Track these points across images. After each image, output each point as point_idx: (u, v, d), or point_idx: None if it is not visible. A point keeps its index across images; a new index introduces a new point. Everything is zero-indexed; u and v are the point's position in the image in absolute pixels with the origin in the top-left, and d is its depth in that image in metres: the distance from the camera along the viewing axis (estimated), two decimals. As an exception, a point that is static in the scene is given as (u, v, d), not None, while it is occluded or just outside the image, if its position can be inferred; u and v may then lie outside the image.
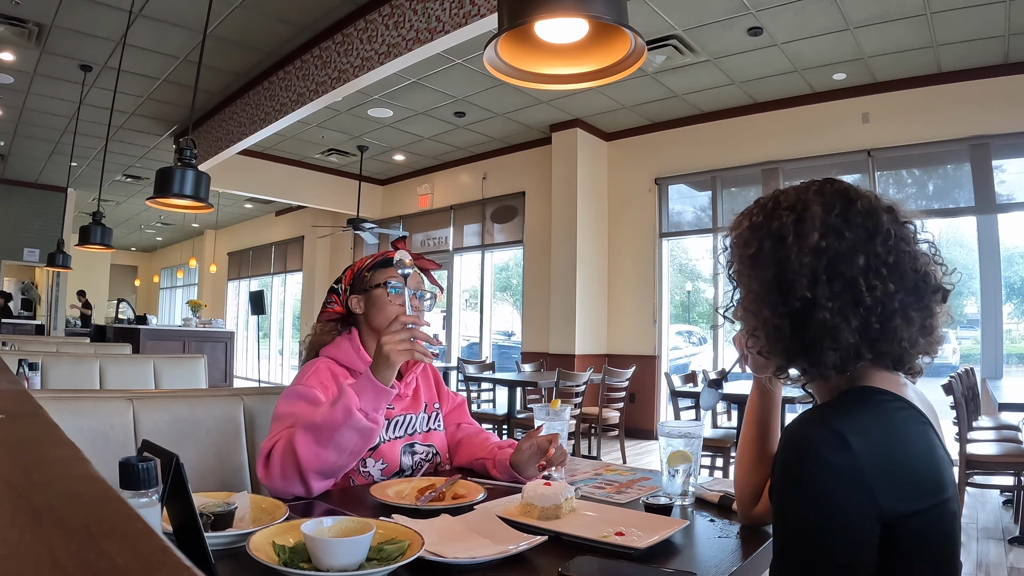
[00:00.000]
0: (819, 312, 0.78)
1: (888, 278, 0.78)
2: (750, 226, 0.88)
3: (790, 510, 0.76)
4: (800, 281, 0.80)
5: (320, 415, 1.25)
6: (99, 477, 0.39)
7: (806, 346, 0.81)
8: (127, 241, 16.51)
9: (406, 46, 4.19)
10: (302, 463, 1.23)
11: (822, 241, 0.80)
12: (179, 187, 2.83)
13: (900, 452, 0.75)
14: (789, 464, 0.76)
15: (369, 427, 1.24)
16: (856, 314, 0.78)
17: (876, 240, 0.80)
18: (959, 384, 3.43)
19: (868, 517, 0.71)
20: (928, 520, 0.74)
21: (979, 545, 3.23)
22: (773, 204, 0.87)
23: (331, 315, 1.57)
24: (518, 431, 4.90)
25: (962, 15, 4.30)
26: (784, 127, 5.96)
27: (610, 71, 1.28)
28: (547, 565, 0.92)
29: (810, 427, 0.76)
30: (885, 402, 0.79)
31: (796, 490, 0.75)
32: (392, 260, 1.54)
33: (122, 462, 0.63)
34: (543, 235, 7.24)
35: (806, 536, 0.74)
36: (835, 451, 0.72)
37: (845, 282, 0.78)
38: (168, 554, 0.26)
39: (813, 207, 0.83)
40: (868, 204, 0.83)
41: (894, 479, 0.72)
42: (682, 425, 1.32)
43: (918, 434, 0.78)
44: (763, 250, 0.85)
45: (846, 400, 0.80)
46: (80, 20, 4.79)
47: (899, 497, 0.72)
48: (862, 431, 0.74)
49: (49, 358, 3.16)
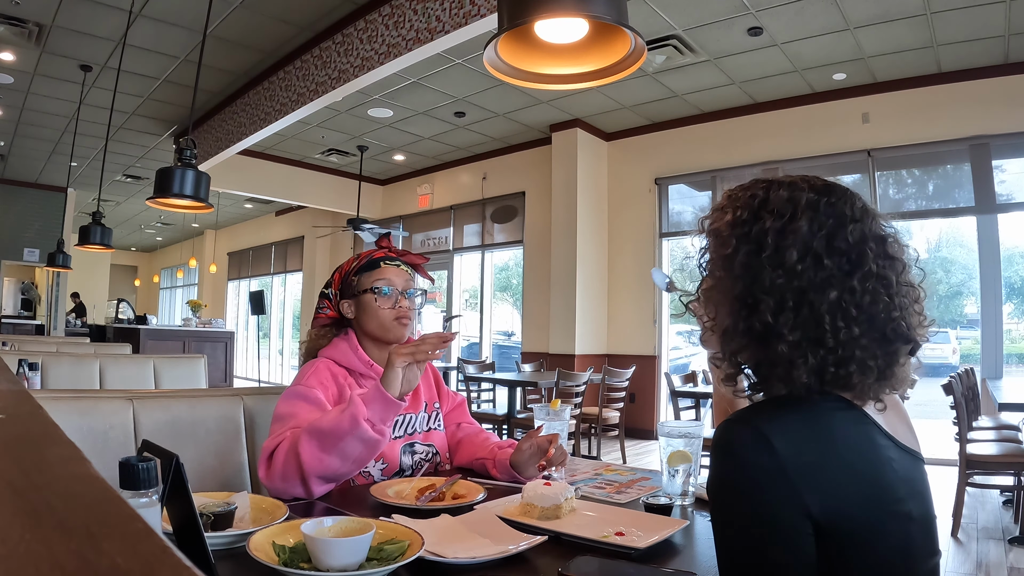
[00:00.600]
0: (777, 343, 0.75)
1: (856, 320, 0.74)
2: (731, 221, 0.82)
3: (719, 510, 0.75)
4: (767, 302, 0.75)
5: (326, 421, 1.24)
6: (99, 477, 0.39)
7: (757, 364, 0.79)
8: (127, 241, 16.51)
9: (406, 46, 4.19)
10: (305, 467, 1.23)
11: (799, 264, 0.75)
12: (179, 187, 2.83)
13: (832, 453, 0.72)
14: (715, 464, 0.75)
15: (375, 439, 1.24)
16: (815, 353, 0.74)
17: (855, 276, 0.75)
18: (959, 384, 3.43)
19: (796, 516, 0.69)
20: (873, 524, 0.71)
21: (979, 545, 3.23)
22: (762, 200, 0.81)
23: (324, 320, 1.57)
24: (518, 431, 4.90)
25: (962, 15, 4.30)
26: (784, 127, 5.96)
27: (610, 71, 1.28)
28: (547, 565, 0.92)
29: (734, 427, 0.74)
30: (820, 403, 0.75)
31: (722, 490, 0.74)
32: (377, 261, 1.53)
33: (122, 462, 0.63)
34: (543, 235, 7.24)
35: (737, 535, 0.73)
36: (757, 452, 0.70)
37: (811, 316, 0.74)
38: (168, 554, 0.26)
39: (800, 221, 0.77)
40: (859, 234, 0.77)
41: (824, 480, 0.70)
42: (682, 425, 1.32)
43: (858, 435, 0.74)
44: (738, 255, 0.80)
45: (779, 400, 0.77)
46: (80, 20, 4.79)
47: (831, 498, 0.70)
48: (787, 432, 0.72)
49: (49, 358, 3.16)
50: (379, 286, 1.49)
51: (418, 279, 1.59)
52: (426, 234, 9.05)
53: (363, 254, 1.56)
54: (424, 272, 1.63)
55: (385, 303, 1.49)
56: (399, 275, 1.53)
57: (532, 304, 7.38)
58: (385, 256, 1.55)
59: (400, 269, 1.54)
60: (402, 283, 1.52)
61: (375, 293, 1.49)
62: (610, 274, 7.12)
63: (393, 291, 1.50)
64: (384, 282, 1.50)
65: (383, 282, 1.49)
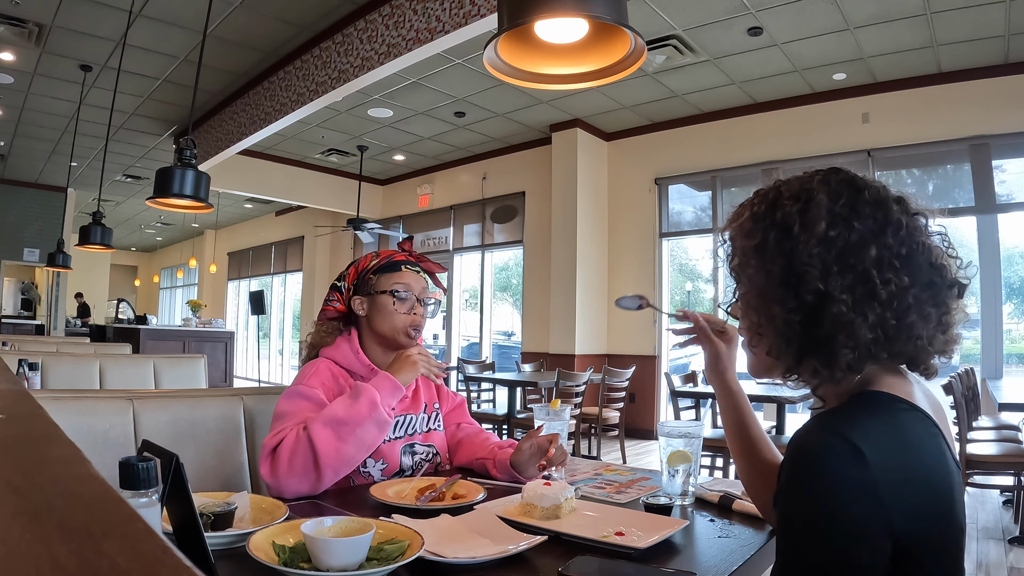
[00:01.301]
0: (833, 306, 0.73)
1: (902, 271, 0.74)
2: (752, 216, 0.83)
3: (799, 523, 0.70)
4: (811, 272, 0.74)
5: (341, 409, 1.29)
6: (99, 477, 0.39)
7: (819, 344, 0.76)
8: (127, 241, 16.52)
9: (406, 46, 4.19)
10: (320, 457, 1.24)
11: (830, 231, 0.75)
12: (179, 187, 2.83)
13: (915, 468, 0.70)
14: (798, 474, 0.71)
15: (387, 420, 1.32)
16: (872, 309, 0.73)
17: (887, 231, 0.75)
18: (959, 384, 3.43)
19: (881, 535, 0.66)
20: (939, 535, 0.70)
21: (979, 545, 3.23)
22: (775, 194, 0.82)
23: (332, 313, 1.56)
24: (518, 431, 4.90)
25: (962, 15, 4.30)
26: (784, 127, 5.96)
27: (610, 71, 1.28)
28: (547, 565, 0.92)
29: (822, 436, 0.70)
30: (901, 411, 0.73)
31: (807, 502, 0.69)
32: (398, 264, 1.53)
33: (122, 462, 0.63)
34: (543, 235, 7.24)
35: (817, 551, 0.68)
36: (850, 464, 0.66)
37: (857, 275, 0.73)
38: (168, 554, 0.26)
39: (818, 196, 0.78)
40: (876, 194, 0.78)
41: (908, 497, 0.67)
42: (682, 425, 1.32)
43: (933, 447, 0.72)
44: (768, 241, 0.79)
45: (860, 407, 0.73)
46: (80, 20, 4.79)
47: (913, 515, 0.67)
48: (878, 444, 0.68)
49: (49, 358, 3.16)
50: (399, 290, 1.49)
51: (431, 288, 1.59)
52: (426, 234, 9.05)
53: (384, 253, 1.56)
54: (438, 281, 1.63)
55: (402, 307, 1.49)
56: (417, 281, 1.53)
57: (532, 304, 7.38)
58: (406, 260, 1.55)
59: (419, 276, 1.55)
60: (419, 290, 1.52)
61: (394, 296, 1.49)
62: (610, 274, 7.12)
63: (411, 296, 1.50)
64: (403, 286, 1.50)
65: (402, 286, 1.50)
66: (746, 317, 0.86)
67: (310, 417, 1.31)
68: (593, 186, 7.02)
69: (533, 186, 7.53)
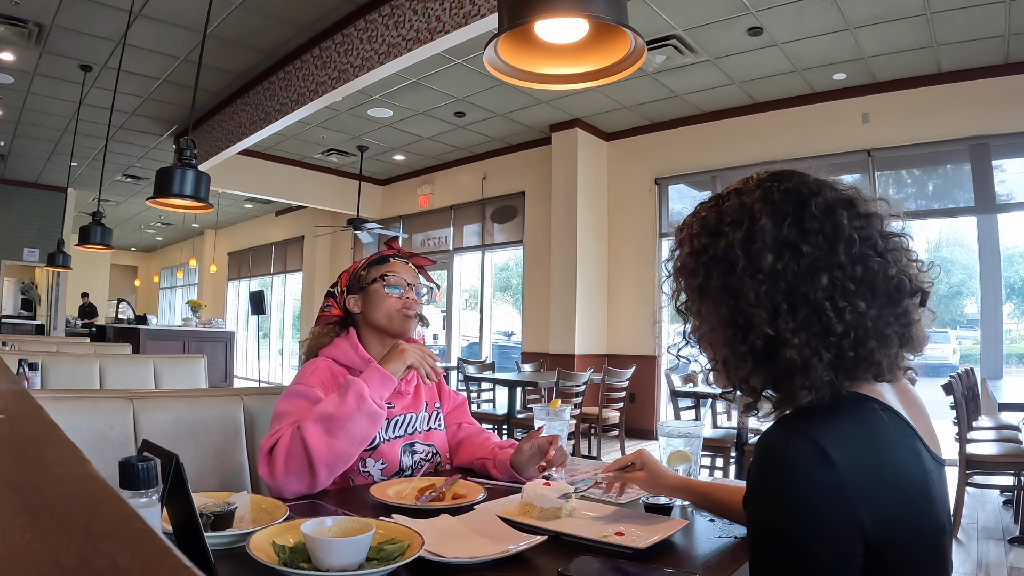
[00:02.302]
0: (786, 351, 0.70)
1: (857, 295, 0.69)
2: (691, 251, 0.78)
3: (767, 525, 0.69)
4: (759, 315, 0.70)
5: (330, 405, 1.29)
6: (99, 477, 0.39)
7: (774, 385, 0.73)
8: (127, 241, 16.51)
9: (406, 46, 4.19)
10: (313, 455, 1.24)
11: (777, 263, 0.70)
12: (179, 187, 2.82)
13: (886, 469, 0.68)
14: (765, 477, 0.69)
15: (378, 412, 1.30)
16: (827, 345, 0.69)
17: (839, 249, 0.70)
18: (959, 384, 3.43)
19: (851, 536, 0.65)
20: (915, 536, 0.68)
21: (979, 545, 3.23)
22: (716, 219, 0.77)
23: (329, 319, 1.58)
24: (518, 431, 4.90)
25: (962, 15, 4.30)
26: (784, 127, 5.96)
27: (610, 71, 1.28)
28: (547, 565, 0.92)
29: (788, 438, 0.68)
30: (870, 411, 0.71)
31: (774, 505, 0.68)
32: (386, 257, 1.58)
33: (122, 462, 0.63)
34: (543, 235, 7.24)
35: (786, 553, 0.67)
36: (815, 466, 0.65)
37: (810, 309, 0.69)
38: (168, 554, 0.26)
39: (762, 220, 0.72)
40: (824, 203, 0.72)
41: (878, 495, 0.66)
42: (682, 425, 1.32)
43: (905, 447, 0.70)
44: (712, 280, 0.75)
45: (827, 408, 0.71)
46: (80, 20, 4.79)
47: (883, 517, 0.66)
48: (845, 445, 0.67)
49: (49, 358, 3.16)
50: (387, 275, 1.53)
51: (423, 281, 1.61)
52: (426, 234, 9.05)
53: (373, 254, 1.62)
54: (428, 275, 1.65)
55: (393, 292, 1.52)
56: (407, 271, 1.56)
57: (532, 304, 7.38)
58: (395, 254, 1.60)
59: (408, 267, 1.58)
60: (410, 278, 1.55)
61: (383, 281, 1.52)
62: (610, 274, 7.12)
63: (401, 281, 1.53)
64: (393, 275, 1.53)
65: (392, 275, 1.53)
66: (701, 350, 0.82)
67: (303, 416, 1.31)
68: (593, 186, 7.02)
69: (533, 186, 7.53)
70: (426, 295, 1.59)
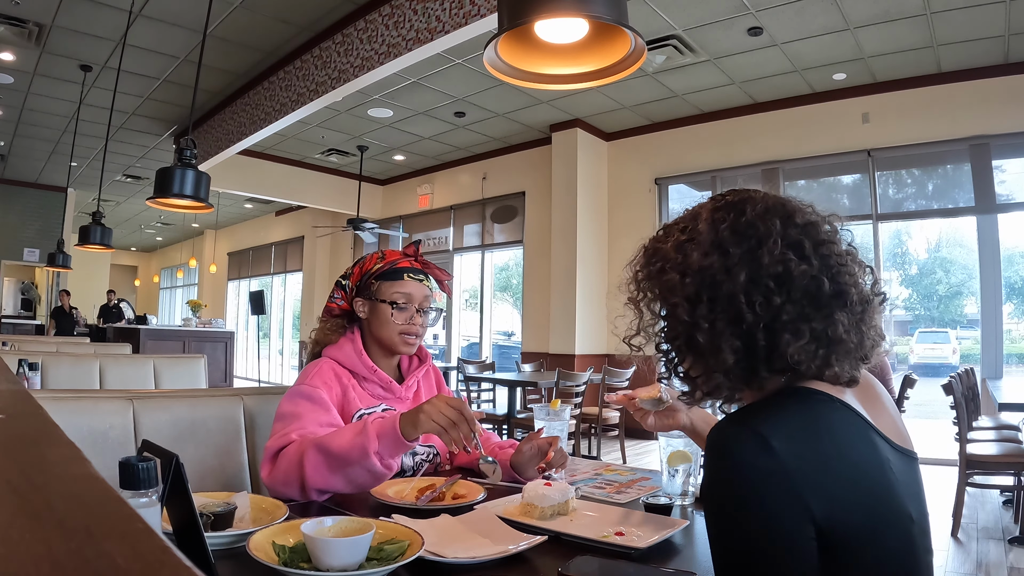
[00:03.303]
0: (697, 334, 0.76)
1: (774, 291, 0.74)
2: (645, 252, 0.87)
3: (717, 514, 0.73)
4: (682, 305, 0.78)
5: (337, 444, 1.21)
6: (99, 477, 0.39)
7: (698, 371, 0.80)
8: (127, 241, 16.51)
9: (406, 46, 4.19)
10: (307, 480, 1.22)
11: (704, 260, 0.77)
12: (179, 187, 2.83)
13: (833, 456, 0.71)
14: (711, 467, 0.73)
15: (382, 472, 1.21)
16: (737, 332, 0.75)
17: (762, 251, 0.75)
18: (959, 384, 3.43)
19: (798, 520, 0.67)
20: (876, 523, 0.70)
21: (979, 545, 3.23)
22: (672, 225, 0.86)
23: (335, 310, 1.56)
24: (518, 431, 4.90)
25: (962, 15, 4.30)
26: (784, 127, 5.96)
27: (610, 71, 1.28)
28: (547, 565, 0.92)
29: (729, 428, 0.72)
30: (817, 403, 0.74)
31: (720, 492, 0.72)
32: (401, 272, 1.50)
33: (122, 462, 0.63)
34: (543, 235, 7.24)
35: (735, 537, 0.70)
36: (756, 454, 0.68)
37: (726, 300, 0.75)
38: (168, 554, 0.26)
39: (701, 224, 0.80)
40: (759, 212, 0.78)
41: (826, 483, 0.68)
42: (682, 425, 1.31)
43: (856, 436, 0.73)
44: (652, 275, 0.84)
45: (773, 401, 0.75)
46: (80, 20, 4.79)
47: (834, 502, 0.68)
48: (786, 432, 0.70)
49: (49, 358, 3.16)
50: (398, 300, 1.48)
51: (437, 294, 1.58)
52: (426, 234, 9.05)
53: (388, 256, 1.54)
54: (447, 288, 1.62)
55: (400, 317, 1.48)
56: (419, 290, 1.51)
57: (532, 304, 7.38)
58: (410, 268, 1.52)
59: (421, 284, 1.52)
60: (420, 299, 1.50)
61: (393, 307, 1.47)
62: (610, 274, 7.11)
63: (410, 307, 1.49)
64: (404, 296, 1.48)
65: (403, 296, 1.48)
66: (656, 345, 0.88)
67: (314, 434, 1.29)
68: (593, 186, 7.02)
69: (533, 186, 7.53)
70: (434, 314, 1.55)
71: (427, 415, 1.18)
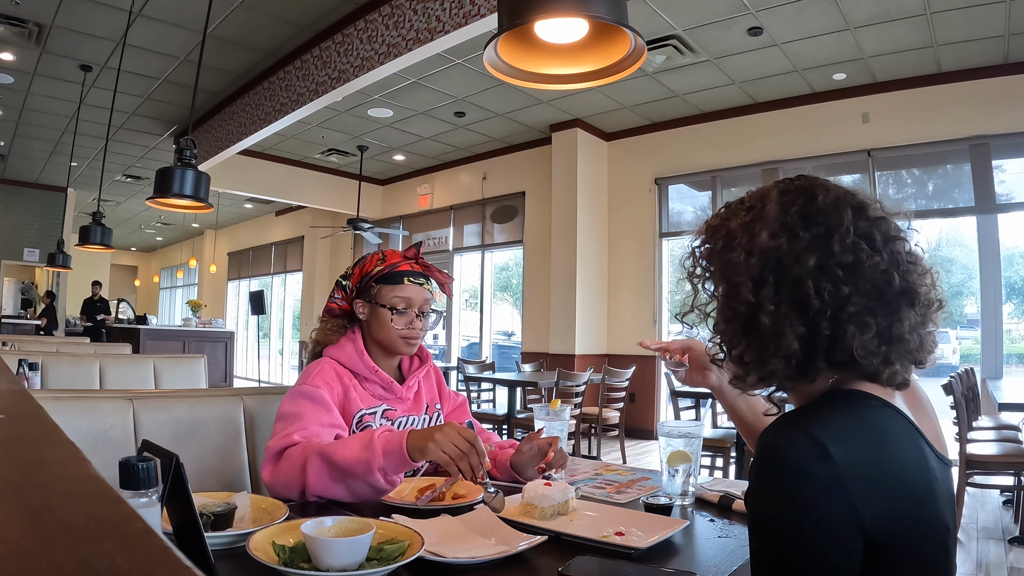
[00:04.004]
0: (761, 316, 0.74)
1: (843, 280, 0.72)
2: (707, 227, 0.85)
3: (767, 522, 0.70)
4: (745, 284, 0.75)
5: (341, 456, 1.20)
6: (99, 477, 0.39)
7: (755, 354, 0.77)
8: (127, 241, 16.51)
9: (406, 46, 4.19)
10: (309, 487, 1.22)
11: (771, 240, 0.75)
12: (179, 187, 2.83)
13: (886, 464, 0.69)
14: (764, 473, 0.70)
15: (385, 488, 1.20)
16: (802, 319, 0.72)
17: (833, 239, 0.73)
18: (959, 384, 3.43)
19: (850, 531, 0.66)
20: (918, 533, 0.69)
21: (979, 545, 3.23)
22: (737, 204, 0.84)
23: (336, 311, 1.56)
24: (518, 431, 4.90)
25: (962, 15, 4.30)
26: (784, 127, 5.96)
27: (610, 71, 1.28)
28: (547, 565, 0.92)
29: (786, 433, 0.70)
30: (871, 408, 0.72)
31: (773, 500, 0.69)
32: (401, 276, 1.48)
33: (122, 462, 0.63)
34: (543, 235, 7.24)
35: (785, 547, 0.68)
36: (813, 460, 0.66)
37: (793, 284, 0.73)
38: (168, 554, 0.26)
39: (770, 205, 0.78)
40: (831, 200, 0.76)
41: (878, 490, 0.67)
42: (682, 425, 1.32)
43: (908, 444, 0.72)
44: (715, 252, 0.82)
45: (827, 405, 0.73)
46: (80, 20, 4.79)
47: (884, 509, 0.67)
48: (843, 438, 0.68)
49: (49, 358, 3.16)
50: (397, 305, 1.47)
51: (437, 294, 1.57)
52: (426, 234, 9.05)
53: (389, 258, 1.52)
54: (448, 290, 1.60)
55: (400, 322, 1.47)
56: (419, 293, 1.49)
57: (532, 304, 7.38)
58: (410, 271, 1.50)
59: (422, 288, 1.50)
60: (420, 302, 1.49)
61: (392, 312, 1.46)
62: (610, 274, 7.12)
63: (410, 312, 1.48)
64: (403, 301, 1.47)
65: (402, 301, 1.47)
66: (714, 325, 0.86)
67: (316, 434, 1.29)
68: (593, 186, 7.02)
69: (533, 186, 7.53)
70: (434, 317, 1.54)
71: (437, 444, 1.15)
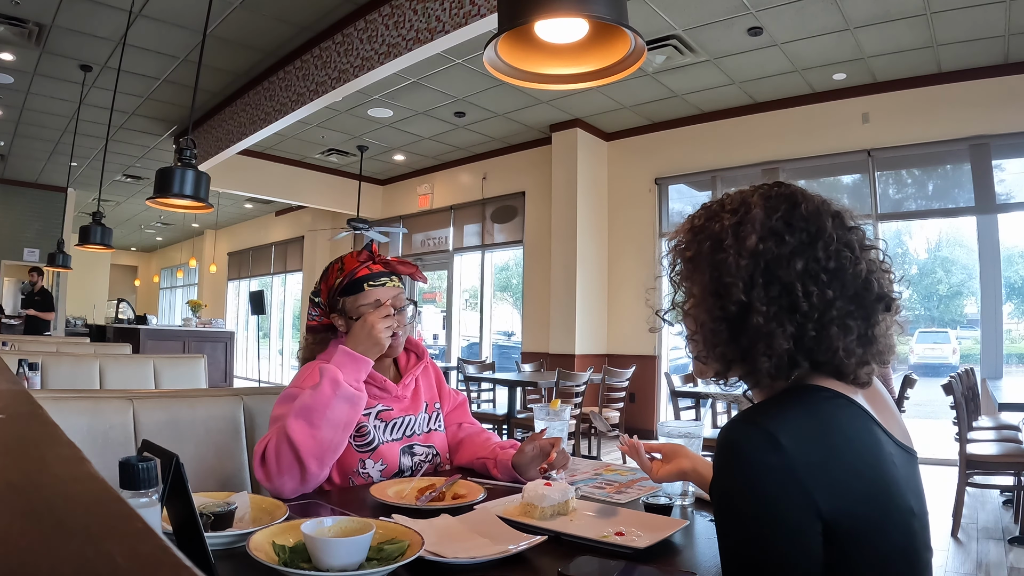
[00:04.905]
0: (754, 316, 0.77)
1: (827, 284, 0.77)
2: (691, 229, 0.87)
3: (727, 511, 0.74)
4: (736, 285, 0.78)
5: (306, 398, 1.30)
6: (99, 477, 0.39)
7: (742, 352, 0.80)
8: (127, 241, 16.51)
9: (406, 46, 4.19)
10: (300, 449, 1.25)
11: (760, 244, 0.78)
12: (179, 187, 2.83)
13: (838, 450, 0.73)
14: (723, 466, 0.75)
15: (356, 395, 1.31)
16: (791, 320, 0.76)
17: (817, 245, 0.78)
18: (959, 384, 3.43)
19: (807, 516, 0.69)
20: (877, 516, 0.72)
21: (979, 545, 3.23)
22: (717, 207, 0.86)
23: (316, 327, 1.56)
24: (518, 431, 4.90)
25: (962, 15, 4.30)
26: (784, 127, 5.96)
27: (610, 71, 1.28)
28: (547, 565, 0.92)
29: (740, 427, 0.74)
30: (823, 399, 0.77)
31: (730, 490, 0.74)
32: (360, 283, 1.45)
33: (122, 462, 0.63)
34: (543, 235, 7.24)
35: (747, 537, 0.72)
36: (765, 451, 0.70)
37: (782, 287, 0.77)
38: (168, 554, 0.26)
39: (755, 210, 0.81)
40: (813, 208, 0.81)
41: (831, 478, 0.71)
42: (682, 425, 1.32)
43: (861, 431, 0.76)
44: (701, 252, 0.84)
45: (781, 399, 0.78)
46: (80, 20, 4.79)
47: (839, 495, 0.70)
48: (793, 429, 0.72)
49: (49, 358, 3.16)
50: (365, 312, 1.43)
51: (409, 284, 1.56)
52: (426, 234, 9.05)
53: (347, 266, 1.48)
54: (420, 277, 1.58)
55: None
56: (385, 293, 1.46)
57: (532, 304, 7.38)
58: (369, 274, 1.46)
59: (385, 288, 1.47)
60: (389, 300, 1.46)
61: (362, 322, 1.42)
62: (610, 274, 7.11)
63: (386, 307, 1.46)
64: (370, 307, 1.44)
65: (369, 308, 1.44)
66: (684, 324, 0.90)
67: (285, 414, 1.32)
68: (593, 186, 7.02)
69: (533, 186, 7.53)
70: (410, 307, 1.52)
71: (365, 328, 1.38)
